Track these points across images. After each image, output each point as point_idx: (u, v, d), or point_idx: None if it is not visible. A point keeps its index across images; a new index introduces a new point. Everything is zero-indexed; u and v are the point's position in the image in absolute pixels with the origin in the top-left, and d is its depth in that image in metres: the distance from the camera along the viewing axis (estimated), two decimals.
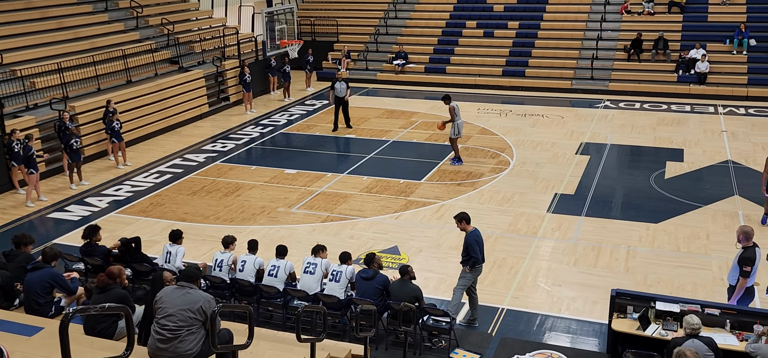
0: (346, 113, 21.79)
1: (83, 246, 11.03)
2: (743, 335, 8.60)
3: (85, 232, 11.11)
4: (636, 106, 24.23)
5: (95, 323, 7.33)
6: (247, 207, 15.50)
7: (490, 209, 15.01)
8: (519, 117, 22.96)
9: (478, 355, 9.71)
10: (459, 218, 10.26)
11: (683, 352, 4.79)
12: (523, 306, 11.10)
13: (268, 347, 7.52)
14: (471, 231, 10.17)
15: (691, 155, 18.51)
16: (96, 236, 11.05)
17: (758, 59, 25.87)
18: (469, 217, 10.26)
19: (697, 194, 15.70)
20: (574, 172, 17.32)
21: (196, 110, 23.35)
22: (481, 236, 10.25)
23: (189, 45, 25.35)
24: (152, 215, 15.25)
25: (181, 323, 6.25)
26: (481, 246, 10.17)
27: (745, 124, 21.53)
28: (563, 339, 10.17)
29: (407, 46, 29.74)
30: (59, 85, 19.26)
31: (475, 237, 10.12)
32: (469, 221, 10.23)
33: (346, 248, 11.15)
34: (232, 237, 10.93)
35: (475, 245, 10.05)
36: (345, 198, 15.88)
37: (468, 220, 10.23)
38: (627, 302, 9.25)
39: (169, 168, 18.46)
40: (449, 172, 17.50)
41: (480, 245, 10.14)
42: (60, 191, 16.76)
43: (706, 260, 12.50)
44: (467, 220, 10.23)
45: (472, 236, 10.11)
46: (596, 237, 13.54)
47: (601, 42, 28.05)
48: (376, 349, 9.75)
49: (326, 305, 9.70)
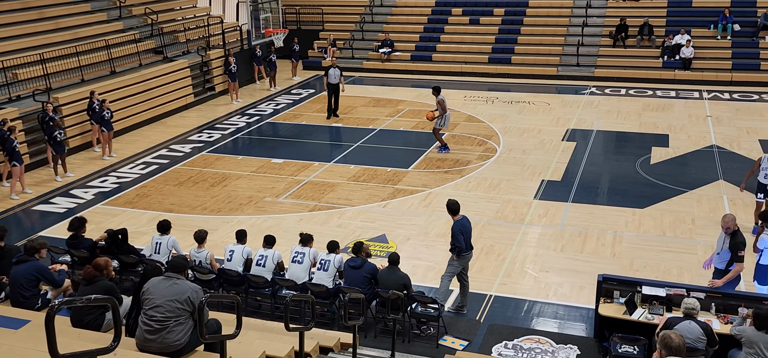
0: (336, 101, 21.64)
1: (69, 238, 10.96)
2: (728, 318, 8.70)
3: (71, 224, 11.05)
4: (621, 92, 24.34)
5: (82, 315, 7.28)
6: (234, 197, 15.44)
7: (478, 197, 15.05)
8: (505, 104, 23.00)
9: (466, 341, 9.75)
10: (446, 207, 10.31)
11: (668, 336, 4.83)
12: (511, 292, 11.15)
13: (256, 337, 7.51)
14: (457, 220, 10.19)
15: (676, 140, 18.63)
16: (82, 229, 10.99)
17: (742, 44, 26.05)
18: (453, 206, 10.29)
19: (683, 178, 15.82)
20: (561, 159, 17.39)
21: (182, 101, 23.20)
22: (468, 224, 10.28)
23: (173, 35, 25.16)
24: (138, 206, 15.16)
25: (169, 313, 6.23)
26: (467, 234, 10.19)
27: (730, 109, 21.69)
28: (551, 324, 10.23)
29: (393, 34, 29.68)
30: (42, 77, 19.07)
31: (460, 226, 10.15)
32: (455, 211, 10.26)
33: (334, 237, 11.15)
34: (204, 232, 10.82)
35: (459, 235, 10.09)
36: (332, 187, 15.86)
37: (452, 210, 10.27)
38: (613, 287, 9.33)
39: (155, 159, 18.35)
40: (436, 160, 17.51)
41: (465, 233, 10.16)
42: (45, 183, 16.62)
43: (692, 244, 12.61)
44: (450, 210, 10.27)
45: (456, 224, 10.15)
46: (583, 223, 13.62)
47: (586, 28, 28.13)
48: (365, 337, 9.76)
49: (315, 294, 9.70)
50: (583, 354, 9.37)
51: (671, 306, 8.86)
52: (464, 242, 10.20)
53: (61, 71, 19.94)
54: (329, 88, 21.46)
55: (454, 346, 9.63)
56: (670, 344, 4.89)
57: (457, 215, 10.24)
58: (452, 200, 10.41)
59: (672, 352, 4.75)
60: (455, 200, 10.45)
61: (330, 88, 21.42)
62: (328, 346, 8.37)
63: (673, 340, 4.93)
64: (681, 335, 4.95)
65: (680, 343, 4.85)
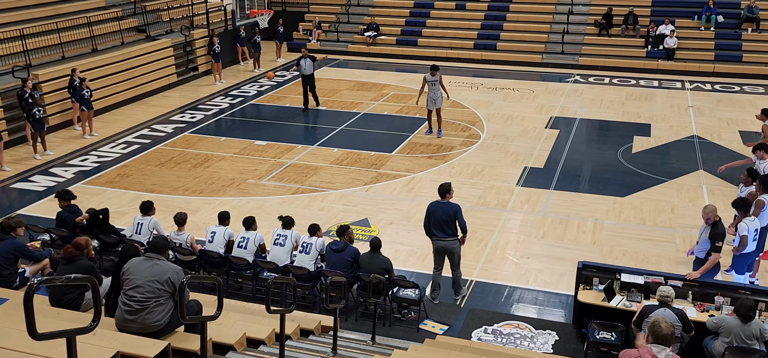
0: (313, 91, 20.65)
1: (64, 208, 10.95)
2: (704, 306, 8.82)
3: (62, 194, 11.04)
4: (605, 80, 24.46)
5: (61, 295, 7.23)
6: (217, 179, 15.37)
7: (461, 182, 15.08)
8: (490, 90, 23.04)
9: (446, 326, 9.81)
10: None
11: (658, 323, 4.84)
12: (492, 278, 11.22)
13: (237, 319, 7.51)
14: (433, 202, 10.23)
15: (657, 130, 18.78)
16: (70, 199, 11.01)
17: (725, 36, 26.24)
18: (441, 189, 10.23)
19: (663, 168, 15.96)
20: (544, 146, 17.47)
21: (164, 80, 22.99)
22: (439, 210, 10.12)
23: (157, 13, 24.89)
24: (119, 185, 15.04)
25: (149, 294, 6.20)
26: (432, 218, 10.12)
27: (711, 100, 21.88)
28: (530, 310, 10.32)
29: (379, 18, 29.56)
30: (22, 53, 18.79)
31: (429, 207, 10.18)
32: (441, 195, 10.19)
33: (317, 220, 11.16)
34: (184, 215, 10.79)
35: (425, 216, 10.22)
36: (315, 170, 15.83)
37: (439, 192, 10.23)
38: (593, 274, 9.41)
39: (137, 138, 18.19)
40: (420, 144, 17.53)
41: (431, 217, 10.11)
42: (24, 161, 16.43)
43: (671, 233, 12.74)
44: (439, 192, 10.24)
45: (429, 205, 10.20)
46: (564, 210, 13.71)
47: (572, 16, 28.19)
48: (346, 320, 9.80)
49: (296, 276, 9.70)
50: (561, 340, 9.46)
51: (649, 294, 8.96)
52: (427, 226, 10.16)
53: (42, 48, 19.65)
54: (303, 80, 20.39)
55: (434, 330, 9.69)
56: (659, 332, 4.88)
57: (441, 197, 10.20)
58: (442, 184, 10.32)
59: (659, 340, 4.75)
60: (445, 183, 10.30)
61: (304, 79, 20.36)
62: (309, 329, 8.39)
63: (662, 328, 4.90)
64: (670, 323, 4.94)
65: (668, 333, 4.83)
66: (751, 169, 11.30)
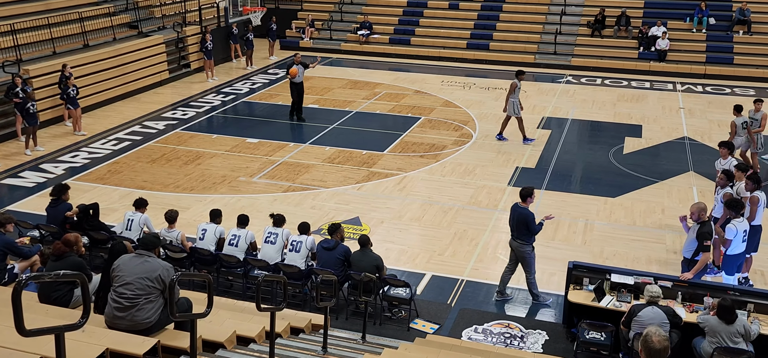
0: (301, 102, 19.56)
1: (51, 203, 10.87)
2: (693, 307, 8.86)
3: (54, 189, 10.98)
4: (597, 81, 24.53)
5: (50, 291, 7.20)
6: (208, 176, 15.32)
7: (452, 182, 15.10)
8: (482, 90, 23.07)
9: (437, 325, 9.82)
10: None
11: (649, 335, 4.53)
12: (483, 278, 11.24)
13: (227, 316, 7.49)
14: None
15: (649, 131, 18.85)
16: (65, 195, 10.92)
17: (717, 38, 26.37)
18: (521, 193, 10.22)
19: (654, 169, 16.02)
20: (535, 146, 17.50)
21: (156, 77, 22.91)
22: (514, 211, 10.21)
23: (149, 10, 24.80)
24: (110, 182, 14.98)
25: (139, 291, 6.18)
26: (511, 220, 10.25)
27: (702, 102, 21.98)
28: (521, 310, 10.34)
29: (372, 17, 29.55)
30: (12, 48, 18.68)
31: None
32: (521, 198, 10.17)
33: (308, 219, 11.15)
34: (175, 212, 10.75)
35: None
36: (307, 168, 15.81)
37: (520, 195, 10.22)
38: (583, 274, 9.44)
39: (128, 135, 18.12)
40: (412, 144, 17.53)
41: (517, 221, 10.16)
42: (13, 157, 16.34)
43: (661, 234, 12.79)
44: (519, 195, 10.24)
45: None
46: (555, 210, 13.69)
47: (564, 17, 28.26)
48: (337, 319, 9.79)
49: (287, 274, 9.68)
50: (551, 340, 9.49)
51: (639, 294, 8.99)
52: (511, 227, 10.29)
53: (33, 43, 19.54)
54: (292, 87, 19.40)
55: (424, 329, 9.69)
56: (652, 347, 4.52)
57: (521, 201, 10.16)
58: (523, 187, 10.30)
59: (651, 355, 4.41)
60: (526, 188, 10.25)
61: (293, 86, 19.37)
62: (300, 327, 8.38)
63: (654, 343, 4.51)
64: (663, 336, 4.53)
65: (661, 347, 4.49)
66: (727, 171, 11.36)
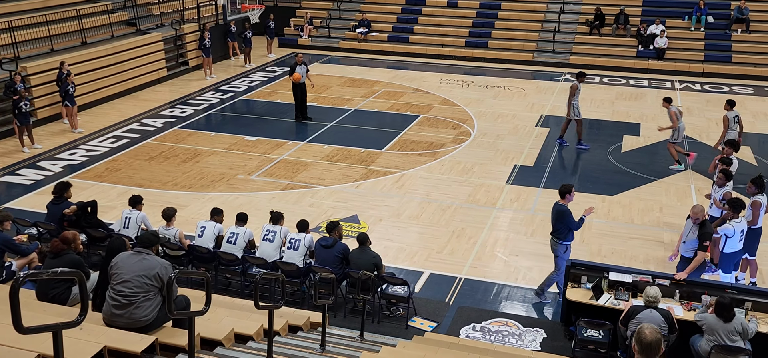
0: (305, 101, 19.42)
1: (52, 201, 10.86)
2: (691, 305, 8.87)
3: (56, 187, 10.97)
4: (596, 80, 24.53)
5: (48, 289, 7.19)
6: (206, 174, 15.31)
7: (451, 180, 15.11)
8: (481, 88, 23.07)
9: (435, 323, 9.83)
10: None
11: (641, 329, 4.59)
12: (481, 276, 11.25)
13: (225, 314, 7.49)
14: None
15: (647, 130, 18.85)
16: (67, 193, 10.92)
17: (715, 36, 26.37)
18: (560, 189, 10.21)
19: (652, 167, 16.03)
20: (534, 145, 17.51)
21: (154, 75, 22.88)
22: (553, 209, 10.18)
23: (147, 7, 24.76)
24: (108, 180, 14.97)
25: (137, 289, 6.17)
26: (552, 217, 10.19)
27: (700, 100, 21.98)
28: (519, 308, 10.35)
29: (370, 14, 29.52)
30: (10, 45, 18.65)
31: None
32: (560, 195, 10.15)
33: (306, 216, 11.14)
34: (172, 210, 10.74)
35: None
36: (305, 166, 15.80)
37: (559, 192, 10.21)
38: (581, 272, 9.45)
39: (126, 133, 18.10)
40: (410, 141, 17.53)
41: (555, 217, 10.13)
42: (11, 154, 16.32)
43: (659, 233, 12.81)
44: (558, 192, 10.23)
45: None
46: None
47: (563, 15, 28.26)
48: (335, 317, 9.79)
49: (285, 272, 9.69)
50: (549, 338, 9.50)
51: (637, 292, 9.01)
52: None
53: (30, 40, 19.51)
54: (295, 88, 19.15)
55: (422, 327, 9.70)
56: (643, 340, 4.55)
57: (560, 198, 10.13)
58: (563, 184, 10.30)
59: (644, 348, 4.42)
60: (565, 185, 10.25)
61: (295, 87, 19.11)
62: (298, 325, 8.38)
63: (646, 336, 4.55)
64: (655, 329, 4.57)
65: (652, 339, 4.50)
66: (725, 170, 11.26)
